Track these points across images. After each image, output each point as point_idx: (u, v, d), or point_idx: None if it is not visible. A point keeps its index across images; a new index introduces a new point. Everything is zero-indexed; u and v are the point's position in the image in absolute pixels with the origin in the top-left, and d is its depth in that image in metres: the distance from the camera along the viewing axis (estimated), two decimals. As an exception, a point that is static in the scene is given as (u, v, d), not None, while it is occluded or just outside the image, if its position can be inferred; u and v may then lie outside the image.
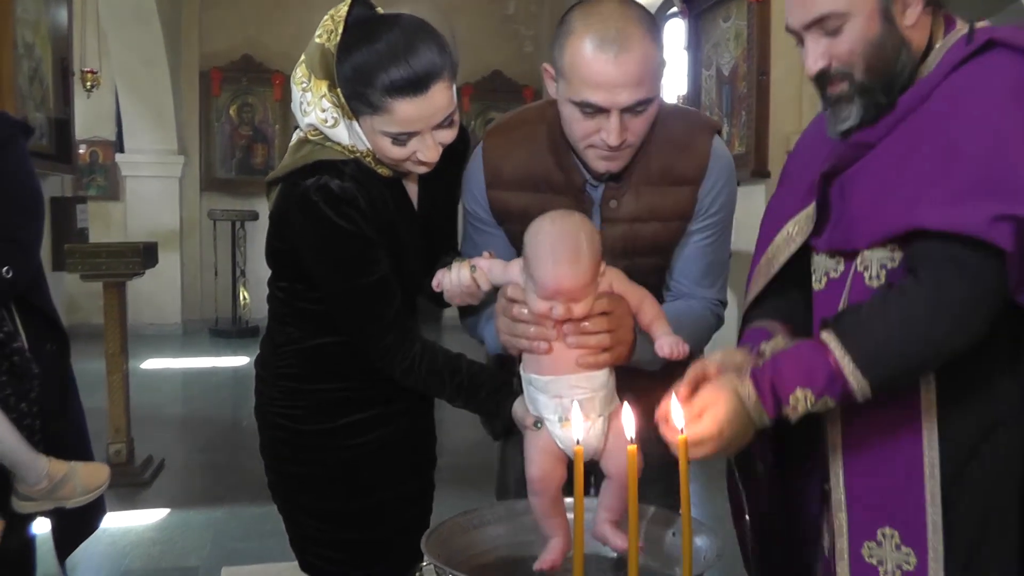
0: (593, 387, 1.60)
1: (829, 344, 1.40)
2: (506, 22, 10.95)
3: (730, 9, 5.77)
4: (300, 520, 2.02)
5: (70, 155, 5.55)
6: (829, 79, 1.52)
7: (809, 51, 1.52)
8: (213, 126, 10.50)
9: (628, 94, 1.70)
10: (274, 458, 2.03)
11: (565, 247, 1.56)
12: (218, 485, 5.10)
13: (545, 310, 1.58)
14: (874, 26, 1.47)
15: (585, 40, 1.70)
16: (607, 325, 1.61)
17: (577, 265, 1.56)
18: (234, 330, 10.03)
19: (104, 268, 4.95)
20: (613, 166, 1.82)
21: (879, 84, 1.49)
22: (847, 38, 1.48)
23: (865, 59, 1.48)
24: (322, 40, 1.77)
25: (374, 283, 1.81)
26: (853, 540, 1.55)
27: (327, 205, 1.76)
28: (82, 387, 2.86)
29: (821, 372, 1.39)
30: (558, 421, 1.61)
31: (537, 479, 1.64)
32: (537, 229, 1.60)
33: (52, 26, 5.25)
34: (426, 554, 1.52)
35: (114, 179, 10.36)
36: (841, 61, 1.49)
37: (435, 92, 1.72)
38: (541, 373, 1.62)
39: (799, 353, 1.43)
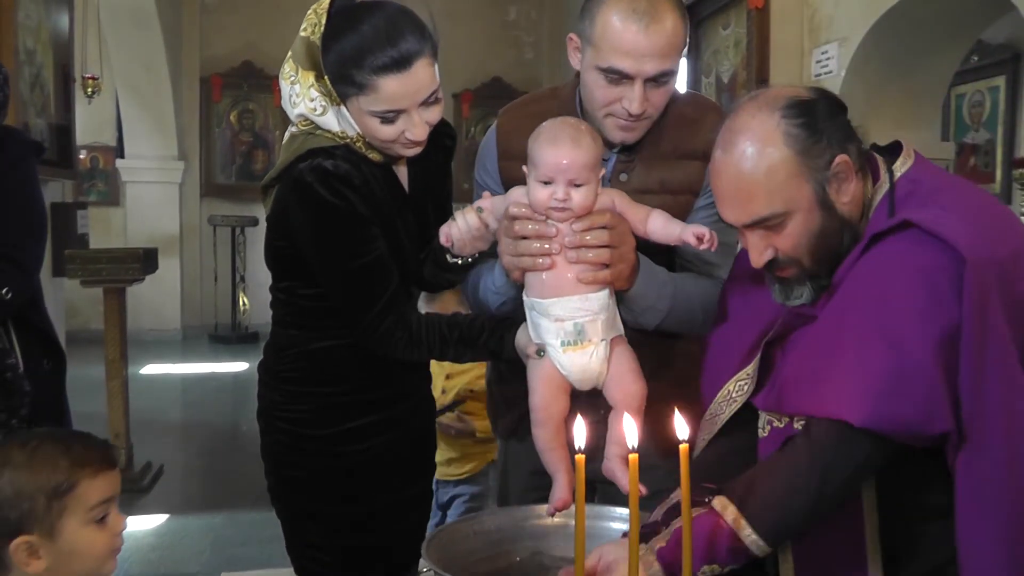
0: (594, 309, 1.64)
1: (724, 515, 1.43)
2: (506, 28, 10.98)
3: (730, 17, 5.78)
4: (299, 524, 2.02)
5: (71, 161, 5.54)
6: (777, 265, 1.53)
7: (752, 246, 1.52)
8: (213, 132, 10.50)
9: (654, 64, 1.77)
10: (276, 462, 2.03)
11: (565, 129, 1.66)
12: (217, 491, 5.10)
13: (546, 196, 1.64)
14: (814, 217, 1.48)
15: (618, 8, 1.76)
16: (607, 239, 1.66)
17: (577, 144, 1.64)
18: (234, 336, 10.02)
19: (104, 274, 4.95)
20: (630, 136, 1.87)
21: (827, 268, 1.51)
22: (790, 232, 1.49)
23: (810, 248, 1.49)
24: (307, 33, 1.81)
25: (371, 262, 1.83)
26: None
27: (321, 184, 1.79)
28: (82, 392, 2.87)
29: (723, 547, 1.42)
30: (560, 346, 1.64)
31: (540, 407, 1.67)
32: (540, 127, 1.70)
33: (53, 32, 5.25)
34: (426, 560, 1.53)
35: (114, 185, 10.36)
36: (786, 252, 1.50)
37: (418, 68, 1.76)
38: (544, 296, 1.66)
39: (699, 532, 1.42)
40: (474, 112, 10.76)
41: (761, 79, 5.34)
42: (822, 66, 5.13)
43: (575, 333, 1.63)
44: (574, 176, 1.63)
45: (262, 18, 10.29)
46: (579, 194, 1.64)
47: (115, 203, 10.36)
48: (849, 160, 1.48)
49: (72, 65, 5.65)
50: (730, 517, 1.43)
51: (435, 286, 2.04)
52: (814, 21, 5.23)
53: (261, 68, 10.36)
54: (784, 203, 1.46)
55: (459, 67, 10.37)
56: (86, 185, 10.11)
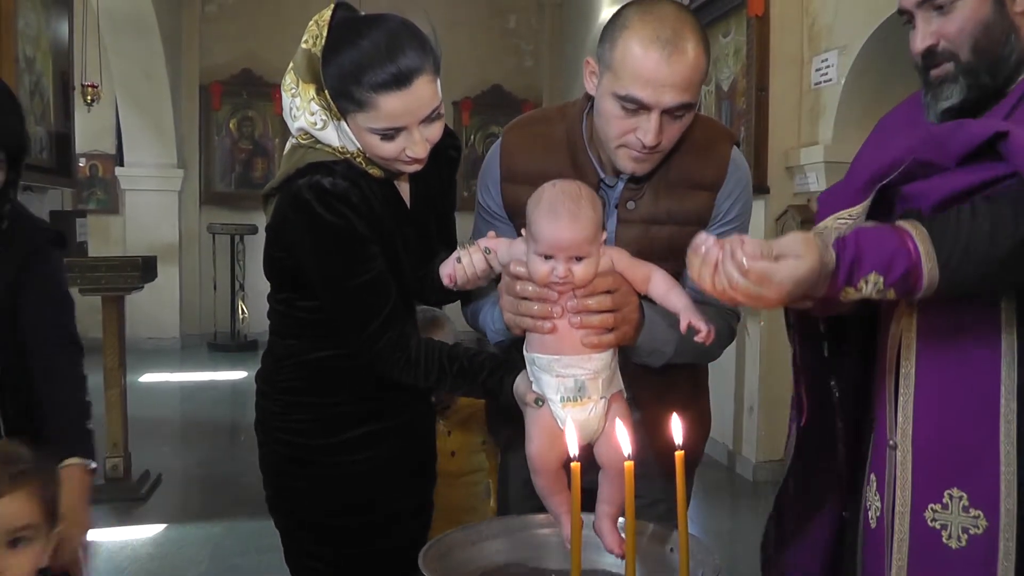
0: (596, 368, 1.61)
1: (914, 236, 1.33)
2: (506, 37, 10.99)
3: (730, 24, 5.78)
4: (298, 535, 2.01)
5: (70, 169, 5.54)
6: (935, 60, 1.54)
7: (919, 29, 1.54)
8: (213, 140, 10.51)
9: (673, 95, 1.72)
10: (274, 472, 2.02)
11: (564, 202, 1.59)
12: (216, 500, 5.09)
13: (546, 271, 1.59)
14: (984, 8, 1.49)
15: (641, 36, 1.71)
16: (611, 303, 1.62)
17: (576, 219, 1.57)
18: (233, 344, 10.02)
19: (103, 282, 4.95)
20: (640, 168, 1.83)
21: (984, 65, 1.51)
22: (957, 17, 1.50)
23: (973, 39, 1.50)
24: (308, 45, 1.79)
25: (369, 281, 1.81)
26: (917, 502, 1.49)
27: (319, 202, 1.76)
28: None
29: (901, 263, 1.32)
30: (560, 401, 1.61)
31: (537, 457, 1.64)
32: (539, 192, 1.64)
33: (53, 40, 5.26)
34: (423, 570, 1.52)
35: (114, 193, 10.36)
36: (949, 40, 1.51)
37: (419, 85, 1.74)
38: (544, 352, 1.63)
39: (883, 238, 1.34)
40: (474, 120, 10.77)
41: (761, 87, 5.34)
42: (822, 74, 5.13)
43: (575, 390, 1.60)
44: (575, 252, 1.58)
45: (262, 26, 10.31)
46: (580, 268, 1.59)
47: (114, 211, 10.36)
48: None
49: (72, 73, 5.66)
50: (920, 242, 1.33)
51: (435, 301, 2.03)
52: (814, 29, 5.23)
53: (261, 76, 10.38)
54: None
55: (459, 75, 10.38)
56: (85, 193, 10.12)
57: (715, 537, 3.71)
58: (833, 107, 5.05)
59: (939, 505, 1.46)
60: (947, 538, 1.45)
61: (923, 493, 1.48)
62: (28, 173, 4.88)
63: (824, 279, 1.31)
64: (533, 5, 11.04)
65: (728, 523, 4.72)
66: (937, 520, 1.46)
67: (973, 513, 1.45)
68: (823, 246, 1.31)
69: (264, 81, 10.35)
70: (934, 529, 1.46)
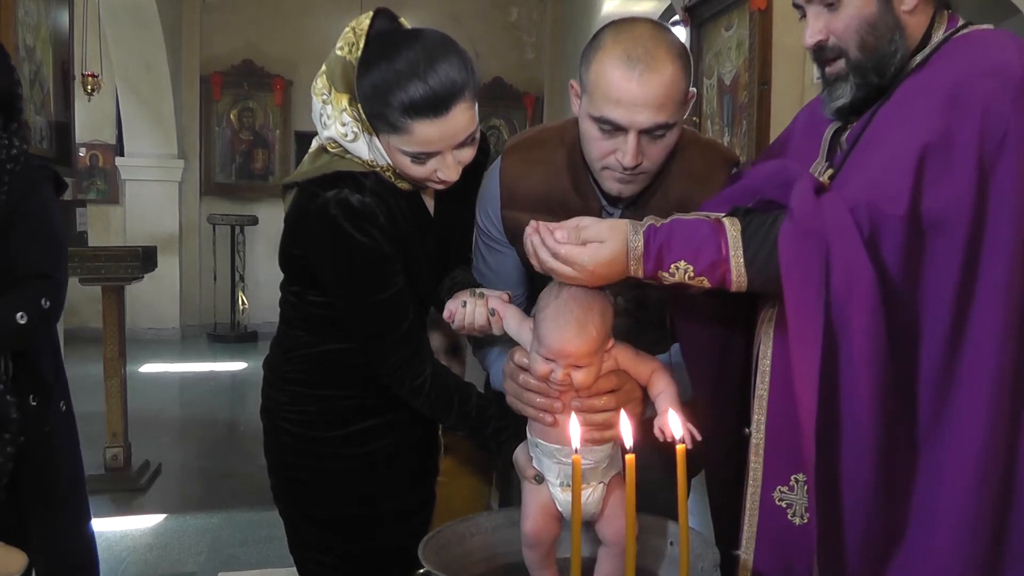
0: (597, 459, 1.60)
1: (727, 231, 1.45)
2: (508, 29, 10.97)
3: (732, 18, 5.77)
4: (302, 526, 2.02)
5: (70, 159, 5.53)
6: (825, 54, 1.59)
7: (809, 23, 1.59)
8: (213, 130, 10.49)
9: (648, 115, 1.67)
10: (279, 462, 2.02)
11: (573, 312, 1.54)
12: (215, 491, 5.09)
13: (545, 372, 1.57)
14: (871, 5, 1.54)
15: (612, 56, 1.68)
16: (614, 403, 1.61)
17: (582, 332, 1.54)
18: (232, 335, 10.02)
19: (103, 272, 4.95)
20: (626, 190, 1.79)
21: (871, 63, 1.55)
22: (844, 14, 1.55)
23: (860, 36, 1.55)
24: (343, 53, 1.74)
25: (389, 298, 1.80)
26: (766, 485, 1.58)
27: (347, 220, 1.74)
28: (80, 391, 2.84)
29: (708, 255, 1.45)
30: (559, 485, 1.61)
31: (532, 534, 1.64)
32: (550, 290, 1.60)
33: (53, 29, 5.24)
34: (423, 562, 1.52)
35: (114, 183, 10.35)
36: (837, 36, 1.56)
37: (456, 113, 1.70)
38: (546, 440, 1.62)
39: (695, 228, 1.48)
40: (475, 113, 10.74)
41: (763, 81, 5.34)
42: (824, 68, 5.12)
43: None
44: (576, 361, 1.56)
45: (263, 17, 10.29)
46: (580, 375, 1.57)
47: (114, 201, 10.35)
48: None
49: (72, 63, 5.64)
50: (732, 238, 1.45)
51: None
52: (816, 23, 5.22)
53: (262, 67, 10.36)
54: None
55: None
56: (85, 183, 10.11)
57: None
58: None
59: (786, 487, 1.56)
60: (791, 515, 1.55)
61: (772, 477, 1.57)
62: (28, 162, 4.88)
63: (636, 262, 1.48)
64: (535, -3, 11.03)
65: (727, 517, 4.72)
66: (784, 500, 1.56)
67: None
68: (632, 232, 1.48)
69: (265, 72, 10.34)
70: (781, 507, 1.56)
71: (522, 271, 1.96)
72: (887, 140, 1.48)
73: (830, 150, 1.65)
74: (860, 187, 1.42)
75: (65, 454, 2.65)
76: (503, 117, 10.74)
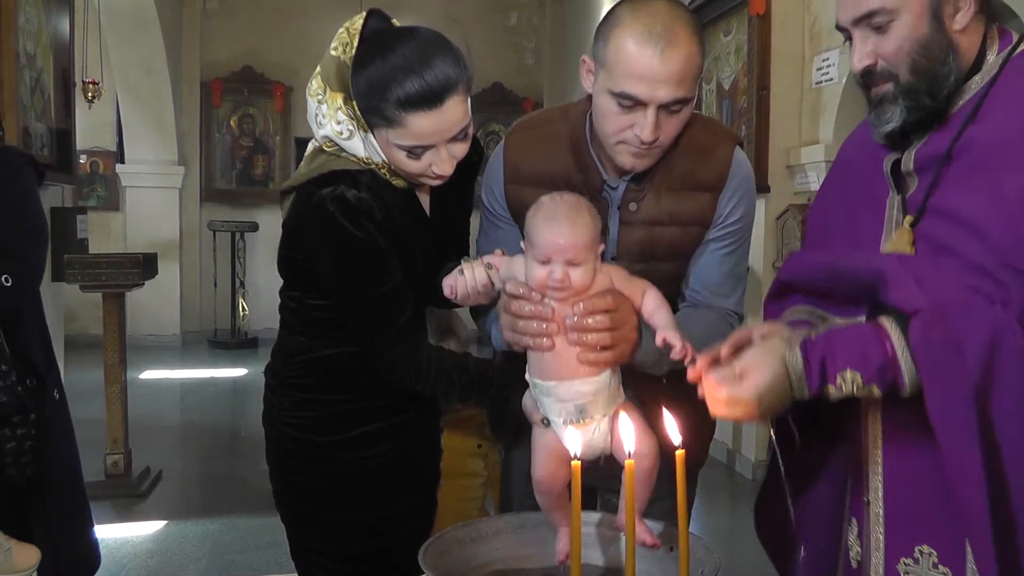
0: (596, 390, 1.61)
1: (890, 332, 1.36)
2: (507, 34, 10.99)
3: (731, 23, 5.78)
4: (304, 530, 2.02)
5: (71, 165, 5.53)
6: (874, 79, 1.52)
7: (856, 48, 1.52)
8: (214, 137, 10.51)
9: (668, 90, 1.71)
10: (281, 467, 2.03)
11: (562, 210, 1.60)
12: (216, 496, 5.09)
13: (543, 276, 1.59)
14: (922, 25, 1.46)
15: (633, 32, 1.71)
16: (608, 323, 1.61)
17: (574, 224, 1.59)
18: (233, 341, 10.02)
19: (103, 279, 4.95)
20: (640, 164, 1.82)
21: (924, 85, 1.48)
22: (894, 36, 1.47)
23: (911, 58, 1.47)
24: (337, 53, 1.77)
25: (386, 293, 1.81)
26: (889, 556, 1.52)
27: (343, 215, 1.76)
28: (80, 397, 2.86)
29: (875, 358, 1.35)
30: (563, 424, 1.62)
31: (541, 478, 1.65)
32: (538, 202, 1.65)
33: (54, 36, 5.25)
34: (423, 567, 1.52)
35: (114, 189, 10.37)
36: (887, 60, 1.49)
37: (450, 106, 1.73)
38: (544, 378, 1.63)
39: (856, 334, 1.39)
40: (475, 117, 10.54)
41: (762, 86, 5.34)
42: (823, 73, 5.13)
43: (576, 412, 1.61)
44: (572, 256, 1.58)
45: (263, 23, 10.31)
46: (577, 273, 1.59)
47: (115, 208, 10.37)
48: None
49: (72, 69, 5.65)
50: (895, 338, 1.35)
51: (446, 307, 2.02)
52: (815, 28, 5.23)
53: (262, 73, 10.38)
54: (896, 1, 1.45)
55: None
56: (86, 190, 10.13)
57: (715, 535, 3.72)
58: (834, 106, 5.05)
59: (910, 559, 1.49)
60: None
61: (895, 547, 1.51)
62: (29, 170, 4.89)
63: (798, 380, 1.38)
64: (534, 2, 11.04)
65: (728, 521, 4.72)
66: (909, 573, 1.50)
67: (942, 570, 1.46)
68: (788, 349, 1.38)
69: (265, 78, 10.35)
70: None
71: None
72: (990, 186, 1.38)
73: (896, 181, 1.56)
74: (983, 248, 1.35)
75: (60, 440, 2.66)
76: (502, 122, 10.74)
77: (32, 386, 2.49)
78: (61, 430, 2.67)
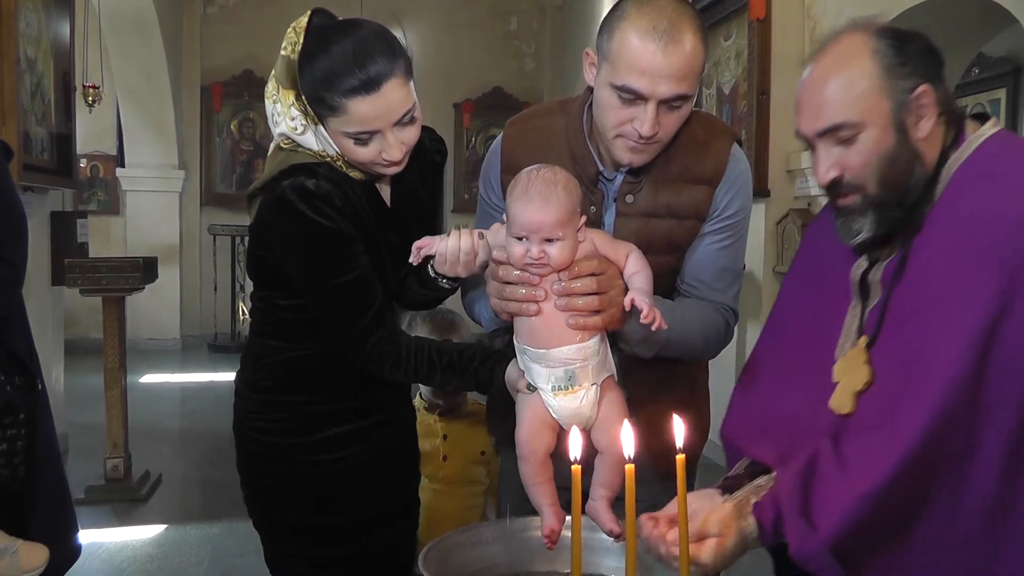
0: (585, 356, 1.61)
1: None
2: (507, 39, 10.99)
3: (731, 28, 5.78)
4: (277, 534, 2.01)
5: (71, 169, 5.54)
6: (840, 190, 1.51)
7: (820, 160, 1.51)
8: (214, 141, 10.52)
9: (670, 86, 1.71)
10: (250, 472, 2.02)
11: (536, 185, 1.60)
12: (216, 501, 5.08)
13: (520, 253, 1.60)
14: (887, 139, 1.46)
15: (637, 26, 1.71)
16: (596, 286, 1.62)
17: (547, 201, 1.58)
18: (233, 345, 9.99)
19: (104, 283, 4.95)
20: (638, 159, 1.82)
21: (893, 198, 1.48)
22: (860, 149, 1.47)
23: (879, 172, 1.47)
24: (287, 52, 1.82)
25: (354, 279, 1.82)
26: None
27: (303, 202, 1.78)
28: (80, 402, 2.85)
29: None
30: (551, 391, 1.62)
31: (525, 443, 1.65)
32: (516, 176, 1.65)
33: (54, 41, 5.26)
34: (423, 571, 1.52)
35: (115, 194, 10.36)
36: (853, 173, 1.48)
37: (388, 89, 1.75)
38: (534, 345, 1.63)
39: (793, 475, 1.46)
40: (475, 122, 10.77)
41: (762, 91, 5.34)
42: (823, 78, 5.12)
43: (566, 379, 1.61)
44: (547, 234, 1.58)
45: (263, 27, 10.31)
46: (555, 249, 1.59)
47: (115, 212, 10.37)
48: (932, 93, 1.46)
49: (73, 74, 5.66)
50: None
51: (416, 304, 2.02)
52: (815, 33, 5.23)
53: (262, 77, 10.35)
54: (860, 114, 1.45)
55: (460, 77, 10.39)
56: (86, 194, 10.12)
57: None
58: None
59: None
60: None
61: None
62: (29, 174, 4.91)
63: (753, 542, 1.48)
64: (534, 7, 11.04)
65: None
66: None
67: None
68: (740, 516, 1.48)
69: (265, 82, 10.32)
70: None
71: None
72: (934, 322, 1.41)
73: (862, 290, 1.57)
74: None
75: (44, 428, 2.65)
76: (502, 127, 10.71)
77: (21, 384, 2.47)
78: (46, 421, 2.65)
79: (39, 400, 2.58)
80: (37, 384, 2.58)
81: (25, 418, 2.41)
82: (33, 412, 2.50)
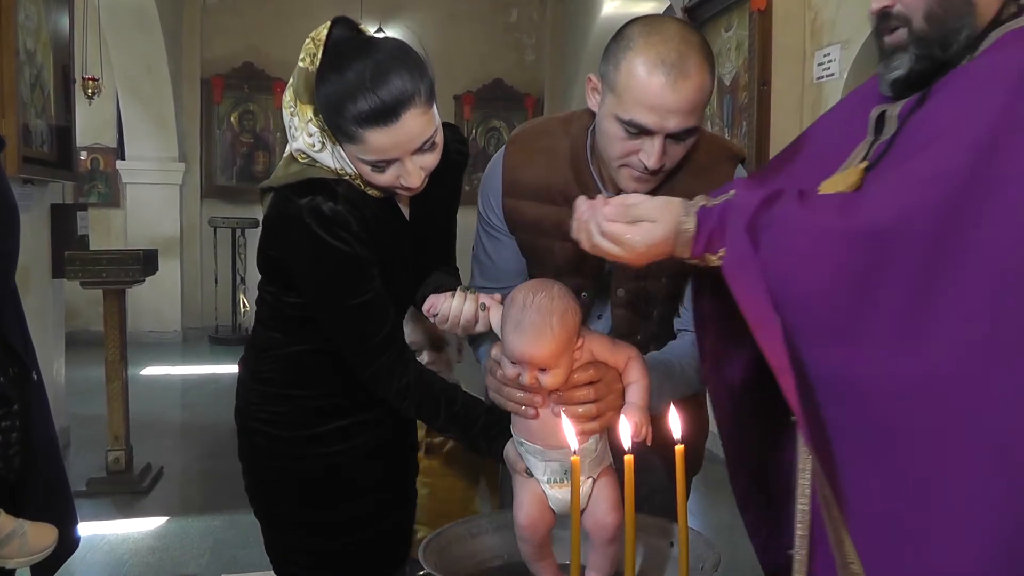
0: (583, 452, 1.58)
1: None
2: (508, 31, 10.97)
3: (732, 19, 5.77)
4: (278, 526, 2.02)
5: (71, 162, 5.54)
6: (888, 23, 1.50)
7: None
8: (214, 133, 10.51)
9: (678, 121, 1.68)
10: (251, 463, 2.03)
11: (532, 318, 1.53)
12: (217, 493, 5.09)
13: (513, 375, 1.57)
14: None
15: (645, 59, 1.66)
16: (593, 394, 1.59)
17: (540, 336, 1.52)
18: (234, 338, 10.01)
19: (104, 275, 4.95)
20: (643, 188, 1.78)
21: (936, 36, 1.46)
22: None
23: (927, 5, 1.45)
24: (305, 64, 1.75)
25: (367, 302, 1.80)
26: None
27: (319, 226, 1.74)
28: (81, 394, 2.85)
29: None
30: (547, 482, 1.61)
31: (525, 526, 1.63)
32: (513, 295, 1.59)
33: (54, 33, 5.25)
34: (423, 563, 1.52)
35: (115, 186, 10.36)
36: (904, 3, 1.47)
37: (407, 119, 1.69)
38: (531, 440, 1.61)
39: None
40: (475, 114, 10.77)
41: (763, 81, 5.34)
42: (824, 68, 5.12)
43: (561, 472, 1.59)
44: (539, 365, 1.54)
45: (263, 19, 10.31)
46: (548, 378, 1.55)
47: (115, 204, 10.36)
48: None
49: (72, 66, 5.65)
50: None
51: None
52: (816, 24, 5.22)
53: (262, 69, 10.37)
54: None
55: (461, 69, 10.38)
56: (86, 187, 10.11)
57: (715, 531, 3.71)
58: (835, 102, 5.03)
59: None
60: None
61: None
62: (29, 166, 4.90)
63: (684, 245, 1.40)
64: (535, -1, 11.04)
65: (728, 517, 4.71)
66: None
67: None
68: (684, 211, 1.40)
69: (265, 75, 10.35)
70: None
71: (520, 261, 1.98)
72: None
73: (878, 126, 1.53)
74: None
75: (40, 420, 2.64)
76: (503, 119, 10.75)
77: (14, 375, 2.47)
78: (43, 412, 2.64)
79: (35, 391, 2.57)
80: (32, 375, 2.57)
81: (19, 409, 2.40)
82: (28, 403, 2.49)
